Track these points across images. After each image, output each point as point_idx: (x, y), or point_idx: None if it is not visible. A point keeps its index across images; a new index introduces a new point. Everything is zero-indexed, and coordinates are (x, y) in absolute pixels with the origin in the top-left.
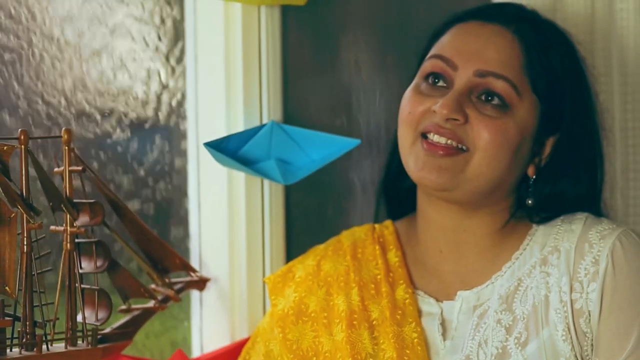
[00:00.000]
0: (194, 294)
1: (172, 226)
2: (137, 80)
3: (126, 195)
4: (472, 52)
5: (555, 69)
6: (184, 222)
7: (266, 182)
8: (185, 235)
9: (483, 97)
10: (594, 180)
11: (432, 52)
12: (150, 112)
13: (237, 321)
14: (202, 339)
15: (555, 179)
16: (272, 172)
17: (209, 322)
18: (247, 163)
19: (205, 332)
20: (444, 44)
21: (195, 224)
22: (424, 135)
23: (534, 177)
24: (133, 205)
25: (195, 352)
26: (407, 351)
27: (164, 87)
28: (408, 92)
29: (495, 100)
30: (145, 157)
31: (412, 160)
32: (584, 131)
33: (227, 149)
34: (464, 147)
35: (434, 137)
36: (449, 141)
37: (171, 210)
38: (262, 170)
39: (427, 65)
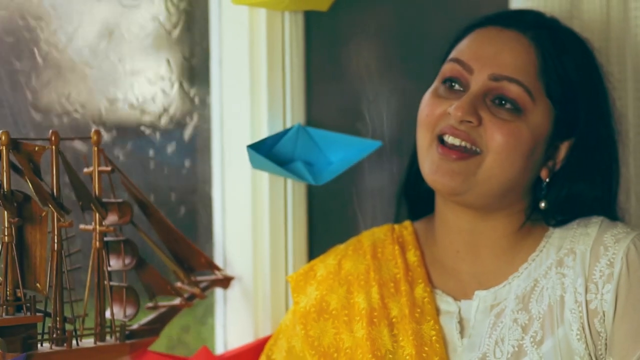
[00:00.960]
0: (218, 292)
1: (197, 226)
2: (163, 85)
3: (153, 197)
4: (488, 56)
5: (571, 76)
6: (209, 222)
7: (289, 183)
8: (210, 234)
9: (497, 101)
10: (610, 184)
11: (451, 56)
12: (176, 116)
13: (261, 319)
14: (226, 336)
15: (571, 183)
16: (302, 173)
17: (233, 319)
18: (278, 165)
19: (229, 330)
20: (462, 49)
21: (219, 224)
22: (440, 139)
23: (548, 180)
24: (160, 208)
25: (219, 349)
26: (426, 348)
27: (190, 91)
28: (426, 95)
29: (509, 104)
30: (171, 159)
31: (428, 163)
32: (599, 136)
33: (262, 151)
34: (477, 150)
35: (449, 139)
36: (462, 143)
37: (197, 210)
38: (295, 171)
39: (446, 68)
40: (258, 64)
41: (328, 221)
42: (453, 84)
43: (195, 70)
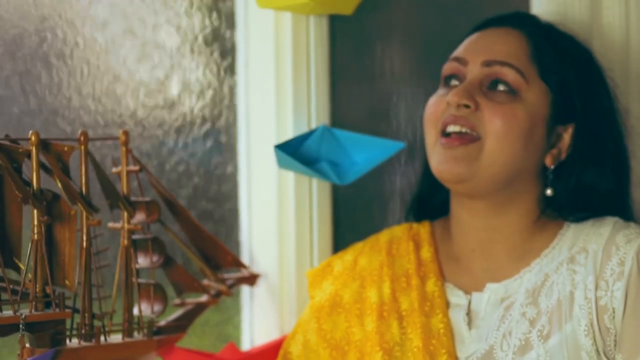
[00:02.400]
0: (245, 289)
1: (225, 224)
2: (193, 88)
3: (181, 196)
4: (481, 47)
5: (563, 60)
6: (236, 221)
7: (314, 182)
8: (237, 233)
9: (492, 86)
10: (620, 175)
11: (451, 55)
12: (205, 117)
13: (286, 316)
14: (253, 332)
15: (579, 171)
16: (328, 172)
17: (260, 316)
18: (304, 165)
19: (256, 327)
20: (458, 49)
21: (246, 223)
22: (444, 134)
23: (553, 167)
24: (189, 206)
25: (245, 346)
26: (433, 341)
27: (218, 94)
28: (431, 98)
29: (503, 87)
30: (199, 160)
31: (435, 157)
32: (601, 123)
33: (288, 152)
34: (477, 135)
35: (450, 128)
36: (463, 129)
37: (224, 209)
38: (321, 171)
39: (445, 68)
40: (284, 67)
41: (353, 220)
42: (452, 80)
43: (222, 71)
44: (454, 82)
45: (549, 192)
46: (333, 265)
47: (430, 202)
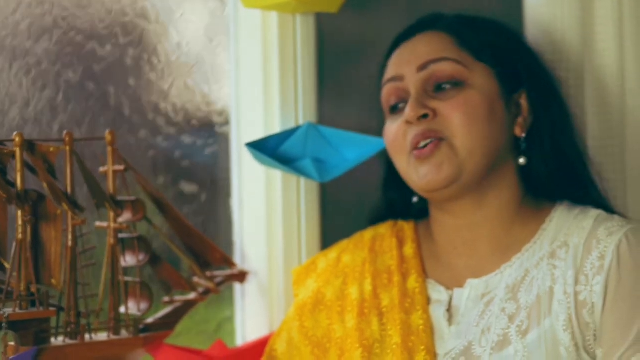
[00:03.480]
0: (238, 286)
1: (218, 223)
2: (189, 86)
3: (174, 196)
4: (408, 57)
5: (489, 34)
6: (229, 219)
7: (302, 180)
8: (230, 231)
9: (437, 89)
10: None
11: (383, 81)
12: (199, 116)
13: (276, 313)
14: (244, 330)
15: (547, 133)
16: (309, 170)
17: (250, 313)
18: (284, 162)
19: (247, 324)
20: (387, 69)
21: (238, 221)
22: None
23: (524, 135)
24: (182, 207)
25: (239, 342)
26: (413, 337)
27: (209, 93)
28: (386, 127)
29: (448, 84)
30: (192, 158)
31: (415, 175)
32: (547, 79)
33: (266, 149)
34: (443, 137)
35: (420, 145)
36: (430, 139)
37: (218, 208)
38: (299, 168)
39: (384, 95)
40: (271, 66)
41: (341, 217)
42: (399, 105)
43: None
44: (402, 105)
45: (521, 160)
46: (317, 263)
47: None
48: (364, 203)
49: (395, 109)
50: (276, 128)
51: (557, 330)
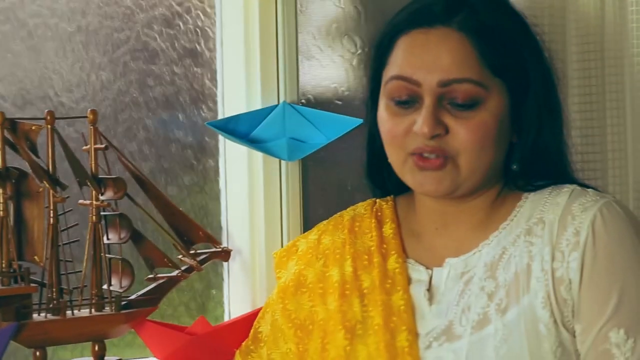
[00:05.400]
0: (226, 265)
1: (209, 202)
2: (174, 68)
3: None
4: (429, 64)
5: (510, 46)
6: (217, 199)
7: (284, 161)
8: (219, 210)
9: (455, 103)
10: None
11: (391, 72)
12: (183, 97)
13: (258, 291)
14: (230, 307)
15: (536, 126)
16: (278, 150)
17: (235, 291)
18: (257, 141)
19: (232, 301)
20: (398, 63)
21: (223, 200)
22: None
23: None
24: (172, 189)
25: (226, 319)
26: (394, 318)
27: (196, 74)
28: (383, 114)
29: (466, 103)
30: (183, 138)
31: (409, 176)
32: (543, 79)
33: (237, 129)
34: (449, 157)
35: (424, 155)
36: (436, 154)
37: (206, 188)
38: (266, 148)
39: (392, 88)
40: (253, 45)
41: (322, 196)
42: (406, 102)
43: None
44: (410, 102)
45: (514, 167)
46: (298, 245)
47: (384, 177)
48: (345, 184)
49: (401, 103)
50: (258, 106)
51: (535, 307)
